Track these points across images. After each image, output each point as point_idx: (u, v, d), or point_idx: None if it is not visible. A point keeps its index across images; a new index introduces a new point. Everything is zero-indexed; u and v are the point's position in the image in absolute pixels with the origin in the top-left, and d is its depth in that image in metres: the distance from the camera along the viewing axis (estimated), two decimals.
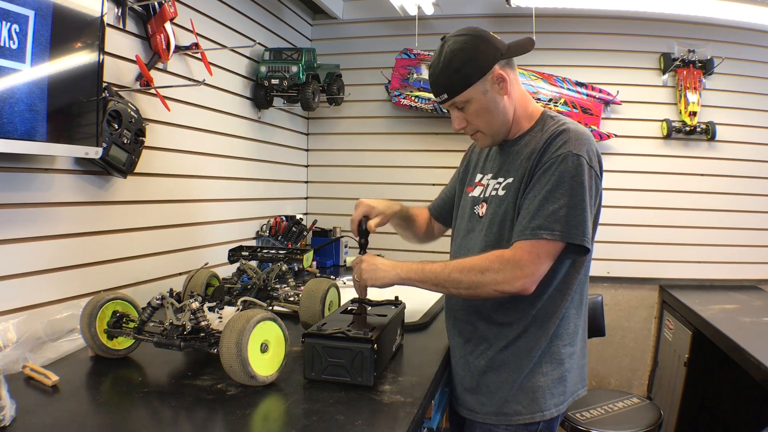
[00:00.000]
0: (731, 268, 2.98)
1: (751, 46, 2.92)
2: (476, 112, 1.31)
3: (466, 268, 1.24)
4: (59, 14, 1.30)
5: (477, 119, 1.33)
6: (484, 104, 1.30)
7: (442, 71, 1.29)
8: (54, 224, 1.52)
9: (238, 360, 1.10)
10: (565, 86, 2.94)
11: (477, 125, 1.35)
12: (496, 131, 1.35)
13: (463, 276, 1.23)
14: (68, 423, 1.00)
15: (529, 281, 1.20)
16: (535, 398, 1.32)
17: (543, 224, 1.20)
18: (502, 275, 1.20)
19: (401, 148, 3.18)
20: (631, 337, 3.07)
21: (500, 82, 1.29)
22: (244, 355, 1.11)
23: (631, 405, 2.32)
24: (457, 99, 1.30)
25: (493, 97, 1.30)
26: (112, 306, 1.33)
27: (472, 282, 1.22)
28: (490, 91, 1.29)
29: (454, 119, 1.36)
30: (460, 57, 1.26)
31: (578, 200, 1.21)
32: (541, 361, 1.32)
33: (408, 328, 1.62)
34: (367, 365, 1.17)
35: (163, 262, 1.97)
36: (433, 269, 1.28)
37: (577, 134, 1.26)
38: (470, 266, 1.24)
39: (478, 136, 1.38)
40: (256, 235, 2.63)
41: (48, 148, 1.35)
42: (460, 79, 1.27)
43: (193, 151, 2.13)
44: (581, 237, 1.21)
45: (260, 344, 1.16)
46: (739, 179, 2.95)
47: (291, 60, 2.52)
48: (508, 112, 1.33)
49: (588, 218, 1.22)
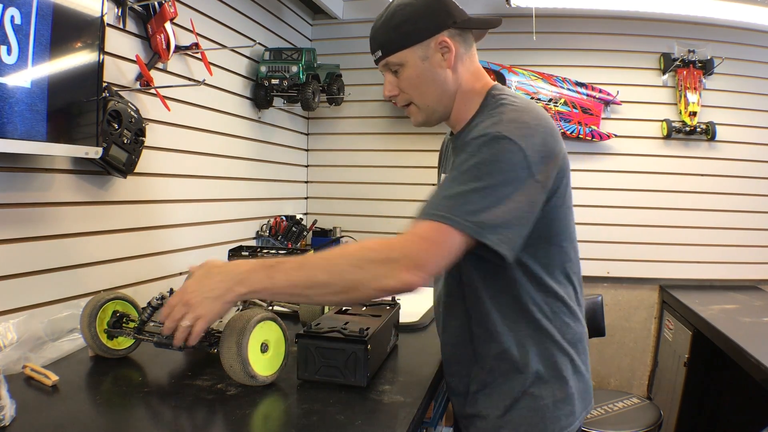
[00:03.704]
0: (731, 268, 2.98)
1: (751, 46, 2.92)
2: (410, 79, 1.14)
3: (335, 263, 0.96)
4: (59, 14, 1.30)
5: (410, 88, 1.15)
6: (421, 72, 1.12)
7: (382, 25, 1.13)
8: (54, 224, 1.52)
9: (239, 360, 1.10)
10: (565, 86, 2.94)
11: (410, 95, 1.17)
12: (432, 108, 1.17)
13: (332, 275, 0.95)
14: (68, 423, 1.00)
15: (417, 273, 0.93)
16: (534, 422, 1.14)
17: (449, 207, 0.95)
18: (385, 267, 0.93)
19: (401, 148, 3.18)
20: (631, 337, 3.07)
21: (444, 52, 1.11)
22: (244, 355, 1.10)
23: (631, 405, 2.32)
24: (391, 59, 1.13)
25: (432, 67, 1.12)
26: (112, 306, 1.33)
27: (345, 283, 0.95)
28: (430, 59, 1.11)
29: (385, 84, 1.18)
30: (405, 12, 1.10)
31: (496, 190, 0.96)
32: (538, 377, 1.14)
33: (407, 328, 1.62)
34: (360, 366, 1.16)
35: (163, 262, 1.97)
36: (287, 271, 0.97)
37: (514, 114, 1.04)
38: (340, 259, 0.96)
39: (411, 110, 1.20)
40: (256, 235, 2.63)
41: (48, 148, 1.35)
42: (398, 37, 1.11)
43: (193, 151, 2.13)
44: (493, 237, 0.94)
45: (260, 344, 1.16)
46: (739, 179, 2.95)
47: (291, 60, 2.52)
48: (448, 88, 1.15)
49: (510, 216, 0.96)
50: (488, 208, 0.95)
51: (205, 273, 1.02)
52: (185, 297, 1.00)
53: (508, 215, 0.96)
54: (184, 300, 1.00)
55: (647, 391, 3.03)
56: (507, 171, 0.97)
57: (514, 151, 0.97)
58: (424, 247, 0.94)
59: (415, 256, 0.93)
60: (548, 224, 1.08)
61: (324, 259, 0.98)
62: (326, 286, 0.95)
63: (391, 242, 0.96)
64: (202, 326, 1.00)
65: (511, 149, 0.97)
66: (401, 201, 3.12)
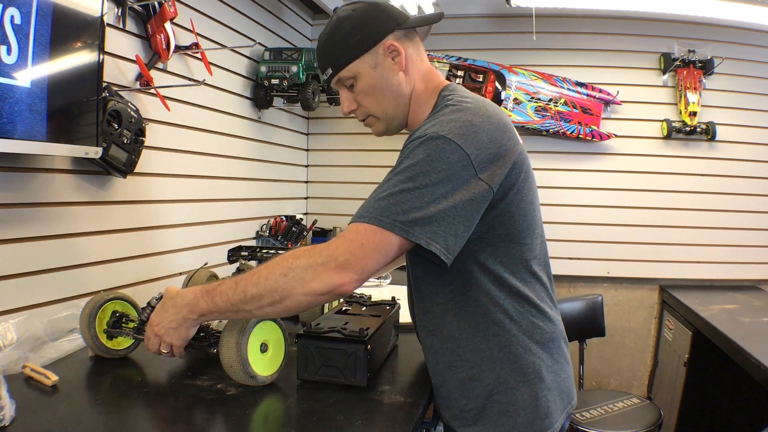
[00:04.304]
0: (731, 268, 2.98)
1: (751, 46, 2.92)
2: (365, 90, 1.12)
3: (263, 276, 0.96)
4: (59, 14, 1.30)
5: (367, 99, 1.14)
6: (374, 81, 1.11)
7: (327, 41, 1.12)
8: (54, 224, 1.52)
9: (238, 360, 1.10)
10: (565, 86, 2.94)
11: (367, 107, 1.15)
12: (390, 115, 1.15)
13: (262, 288, 0.96)
14: (68, 423, 1.00)
15: (345, 275, 0.92)
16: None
17: (378, 209, 0.94)
18: (311, 272, 0.93)
19: (401, 148, 3.17)
20: (631, 337, 3.07)
21: (394, 56, 1.10)
22: (243, 355, 1.11)
23: (631, 405, 2.32)
24: (343, 74, 1.12)
25: (385, 73, 1.11)
26: (112, 306, 1.33)
27: (275, 293, 0.95)
28: (381, 65, 1.10)
29: (342, 101, 1.17)
30: (347, 26, 1.09)
31: (428, 191, 0.94)
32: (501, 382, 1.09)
33: (407, 328, 1.62)
34: (360, 366, 1.16)
35: (163, 262, 1.97)
36: (224, 292, 1.00)
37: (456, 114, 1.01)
38: (268, 271, 0.96)
39: (371, 121, 1.19)
40: (256, 235, 2.63)
41: (48, 148, 1.35)
42: (345, 51, 1.10)
43: (193, 151, 2.13)
44: (423, 236, 0.92)
45: (260, 344, 1.16)
46: (739, 179, 2.95)
47: (291, 60, 2.52)
48: (403, 91, 1.13)
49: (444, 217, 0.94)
50: (419, 207, 0.93)
51: (161, 306, 1.12)
52: (154, 329, 1.11)
53: (443, 215, 0.94)
54: (153, 332, 1.11)
55: (647, 391, 3.03)
56: (442, 170, 0.95)
57: (451, 151, 0.95)
58: (351, 249, 0.93)
59: (341, 257, 0.93)
60: (507, 222, 1.06)
61: (255, 273, 0.98)
62: (259, 299, 0.97)
63: (317, 248, 0.96)
64: (178, 350, 1.13)
65: (446, 148, 0.96)
66: None
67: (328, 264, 0.93)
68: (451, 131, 0.97)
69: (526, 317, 1.10)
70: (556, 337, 1.15)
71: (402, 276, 1.38)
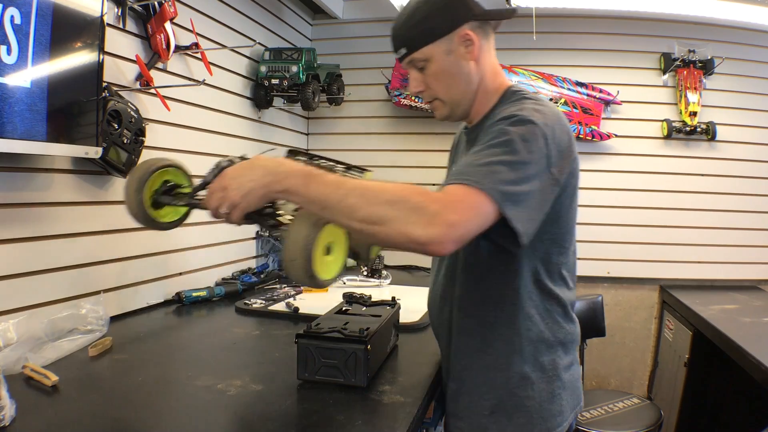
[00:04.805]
0: (731, 268, 2.98)
1: (751, 46, 2.92)
2: (436, 74, 1.15)
3: (371, 193, 0.92)
4: (59, 14, 1.30)
5: (436, 83, 1.17)
6: (446, 66, 1.14)
7: (404, 22, 1.14)
8: (54, 224, 1.52)
9: (303, 254, 0.97)
10: (565, 86, 2.94)
11: (436, 90, 1.18)
12: (457, 100, 1.18)
13: (364, 202, 0.91)
14: (68, 423, 1.00)
15: (448, 233, 0.89)
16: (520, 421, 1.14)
17: (480, 174, 0.93)
18: (418, 215, 0.88)
19: (401, 148, 3.18)
20: (631, 337, 3.07)
21: (467, 45, 1.13)
22: (310, 250, 0.97)
23: (631, 405, 2.32)
24: (416, 55, 1.14)
25: (457, 60, 1.14)
26: (161, 176, 1.19)
27: (373, 214, 0.90)
28: (455, 53, 1.13)
29: (411, 80, 1.19)
30: (425, 9, 1.12)
31: (523, 167, 0.95)
32: (523, 377, 1.13)
33: (407, 328, 1.62)
34: (360, 366, 1.16)
35: (163, 262, 1.97)
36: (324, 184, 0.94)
37: (537, 106, 1.06)
38: (379, 191, 0.92)
39: (436, 105, 1.21)
40: (256, 235, 2.63)
41: (48, 148, 1.35)
42: (421, 33, 1.12)
43: (193, 151, 2.13)
44: (515, 211, 0.93)
45: (325, 245, 1.03)
46: (739, 179, 2.95)
47: (291, 60, 2.52)
48: (473, 80, 1.16)
49: (533, 197, 0.96)
50: (514, 182, 0.93)
51: (249, 163, 1.01)
52: (224, 182, 0.99)
53: (527, 196, 0.95)
54: (223, 185, 0.99)
55: (647, 391, 3.03)
56: (533, 152, 0.97)
57: (540, 137, 0.98)
58: (460, 209, 0.90)
59: (450, 214, 0.89)
60: (554, 222, 1.09)
61: (363, 185, 0.95)
62: (354, 210, 0.91)
63: (433, 195, 0.92)
64: (237, 215, 1.00)
65: (537, 133, 0.98)
66: None
67: (439, 216, 0.88)
68: (539, 119, 1.00)
69: (553, 316, 1.15)
70: (575, 339, 1.21)
71: (401, 277, 1.38)
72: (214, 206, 1.00)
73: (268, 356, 1.43)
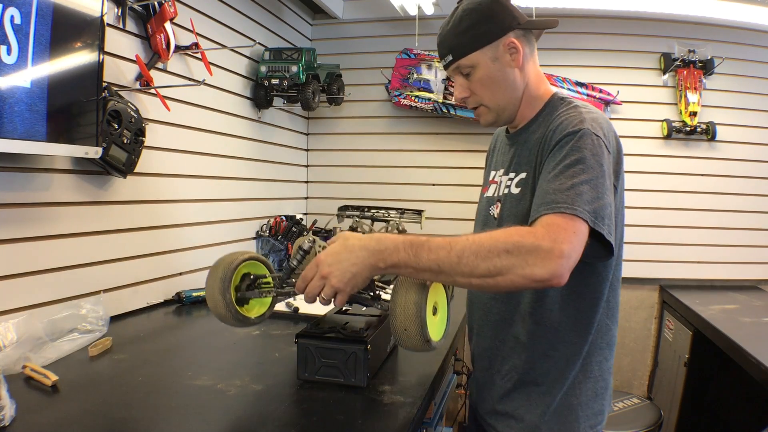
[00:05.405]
0: (731, 268, 2.98)
1: (751, 46, 2.92)
2: (481, 80, 1.18)
3: (484, 249, 0.92)
4: (59, 14, 1.30)
5: (482, 89, 1.19)
6: (492, 73, 1.17)
7: (451, 30, 1.17)
8: (54, 224, 1.52)
9: (417, 322, 0.95)
10: (566, 86, 2.94)
11: (481, 97, 1.20)
12: (502, 107, 1.20)
13: (481, 259, 0.91)
14: (68, 423, 1.00)
15: (565, 264, 0.90)
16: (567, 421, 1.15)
17: (570, 199, 0.95)
18: (534, 256, 0.89)
19: (401, 148, 3.18)
20: (631, 337, 3.07)
21: (512, 52, 1.16)
22: (423, 316, 0.95)
23: (631, 405, 2.32)
24: (462, 62, 1.17)
25: (503, 67, 1.17)
26: (243, 269, 1.14)
27: (493, 267, 0.91)
28: (500, 60, 1.16)
29: (456, 87, 1.22)
30: (472, 17, 1.15)
31: (600, 183, 0.99)
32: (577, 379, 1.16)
33: None
34: (360, 366, 1.16)
35: (163, 262, 1.97)
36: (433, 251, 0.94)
37: (591, 114, 1.08)
38: (489, 244, 0.92)
39: (481, 111, 1.23)
40: (256, 235, 2.63)
41: (48, 148, 1.35)
42: (468, 41, 1.15)
43: (193, 151, 2.13)
44: (605, 227, 0.96)
45: (432, 306, 1.03)
46: (739, 179, 2.95)
47: (291, 60, 2.51)
48: (518, 87, 1.19)
49: (610, 208, 0.99)
50: (596, 198, 0.97)
51: (342, 246, 0.99)
52: (322, 270, 0.98)
53: (609, 207, 0.99)
54: (321, 273, 0.98)
55: (647, 391, 3.03)
56: (602, 165, 1.01)
57: (604, 148, 1.02)
58: (567, 238, 0.91)
59: (561, 245, 0.90)
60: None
61: (471, 242, 0.93)
62: (473, 269, 0.92)
63: (536, 231, 0.93)
64: (342, 300, 0.99)
65: (602, 144, 1.02)
66: (402, 201, 3.11)
67: (553, 251, 0.90)
68: (598, 131, 1.04)
69: (603, 320, 1.17)
70: (615, 342, 1.23)
71: None
72: (314, 294, 0.99)
73: (268, 356, 1.43)
